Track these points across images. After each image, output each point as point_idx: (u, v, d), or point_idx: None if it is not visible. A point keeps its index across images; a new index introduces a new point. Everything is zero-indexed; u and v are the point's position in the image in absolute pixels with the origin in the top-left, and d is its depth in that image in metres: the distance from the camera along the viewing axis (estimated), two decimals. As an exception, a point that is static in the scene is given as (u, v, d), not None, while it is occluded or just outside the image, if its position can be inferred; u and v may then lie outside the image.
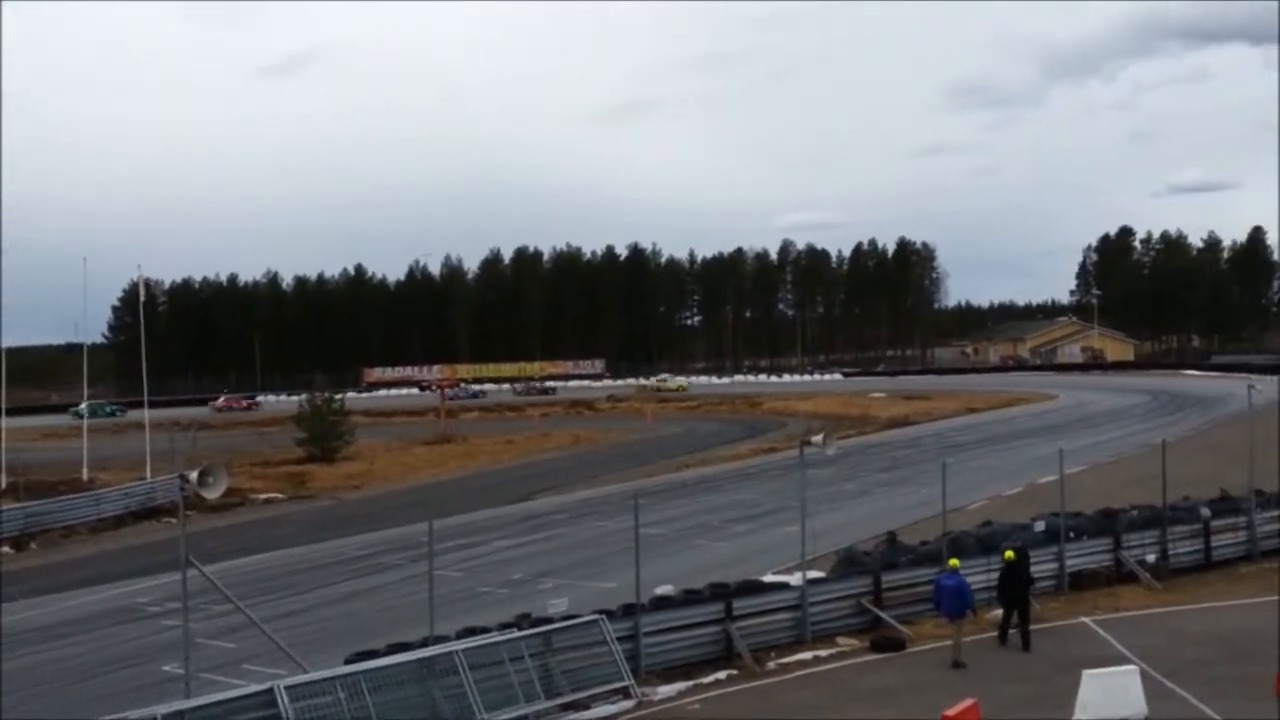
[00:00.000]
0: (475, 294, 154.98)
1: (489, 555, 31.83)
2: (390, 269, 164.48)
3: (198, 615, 19.44)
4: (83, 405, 65.51)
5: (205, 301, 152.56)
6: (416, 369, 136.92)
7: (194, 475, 13.82)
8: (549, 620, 17.24)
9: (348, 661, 15.84)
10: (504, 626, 17.19)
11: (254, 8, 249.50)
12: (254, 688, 14.45)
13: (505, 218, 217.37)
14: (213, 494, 14.08)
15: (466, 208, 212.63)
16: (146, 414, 54.04)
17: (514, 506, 42.34)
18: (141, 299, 78.38)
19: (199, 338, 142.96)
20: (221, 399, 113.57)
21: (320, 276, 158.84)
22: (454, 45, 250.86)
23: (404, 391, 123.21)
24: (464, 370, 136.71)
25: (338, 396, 65.86)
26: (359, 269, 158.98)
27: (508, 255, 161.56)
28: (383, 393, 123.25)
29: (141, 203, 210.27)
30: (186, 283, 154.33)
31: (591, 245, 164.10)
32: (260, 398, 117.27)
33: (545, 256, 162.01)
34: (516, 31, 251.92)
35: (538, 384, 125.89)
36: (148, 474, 48.56)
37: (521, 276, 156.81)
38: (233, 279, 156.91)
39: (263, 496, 47.44)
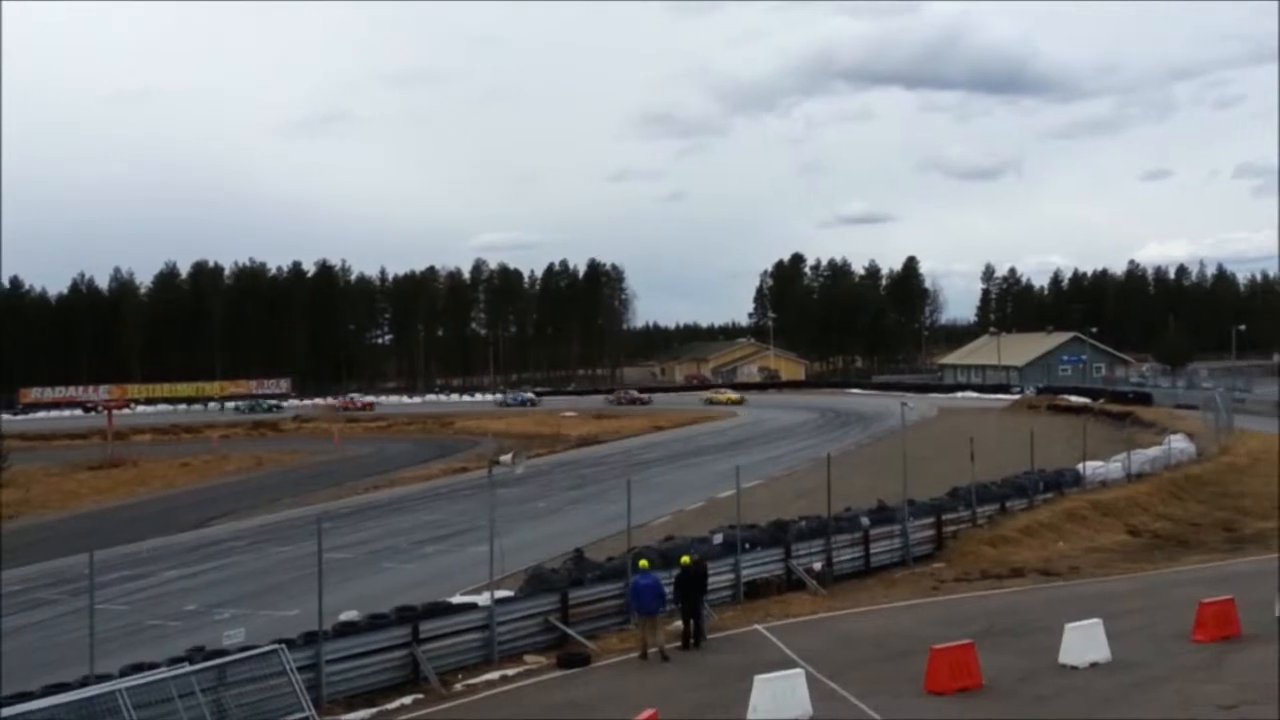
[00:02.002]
0: (148, 309, 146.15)
1: (159, 586, 30.08)
2: (51, 281, 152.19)
3: None
4: None
5: None
6: (82, 389, 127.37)
7: None
8: (224, 652, 16.45)
9: (-6, 708, 14.54)
10: (174, 661, 16.26)
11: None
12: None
13: (182, 229, 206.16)
14: None
15: (138, 218, 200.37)
16: None
17: (188, 534, 40.21)
18: None
19: None
20: (338, 399, 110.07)
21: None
22: (130, 46, 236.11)
23: (66, 413, 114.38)
24: (135, 390, 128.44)
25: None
26: (14, 281, 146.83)
27: (185, 269, 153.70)
28: (41, 414, 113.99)
29: None
30: None
31: (277, 260, 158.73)
32: None
33: (227, 271, 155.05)
34: (203, 35, 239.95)
35: (630, 393, 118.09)
36: None
37: (201, 291, 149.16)
38: None
39: (-105, 530, 42.80)
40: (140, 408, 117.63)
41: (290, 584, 28.04)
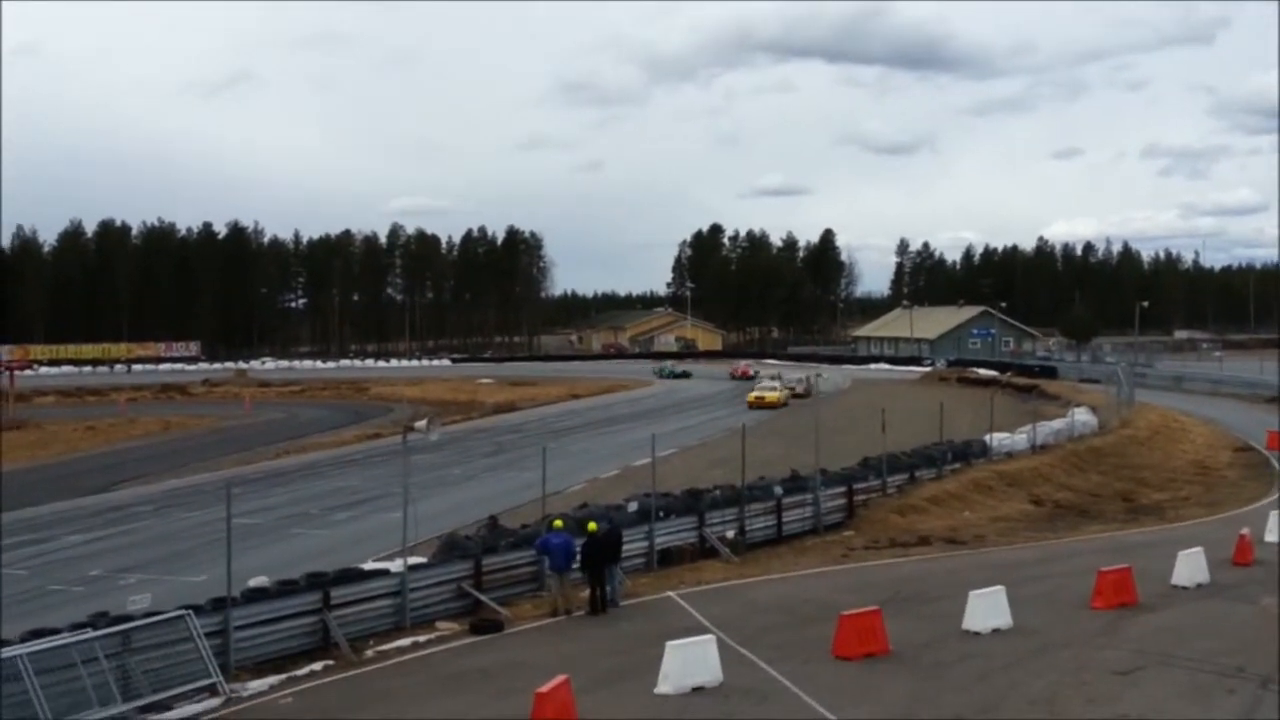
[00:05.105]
0: (52, 268, 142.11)
1: (62, 551, 29.42)
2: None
3: None
4: None
5: None
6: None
7: None
8: (129, 618, 16.17)
9: (-113, 675, 14.12)
10: (77, 627, 15.94)
11: None
12: None
13: (88, 188, 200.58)
14: None
15: (42, 177, 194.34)
16: None
17: (93, 498, 39.30)
18: None
19: None
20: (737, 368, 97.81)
21: None
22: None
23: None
24: (38, 351, 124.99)
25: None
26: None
27: (91, 228, 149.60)
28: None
29: None
30: None
31: (187, 221, 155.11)
32: None
33: (134, 231, 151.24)
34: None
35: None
36: None
37: (107, 251, 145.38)
38: None
39: None
40: (43, 369, 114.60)
41: (198, 549, 27.56)
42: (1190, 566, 21.83)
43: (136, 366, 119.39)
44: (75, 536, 31.46)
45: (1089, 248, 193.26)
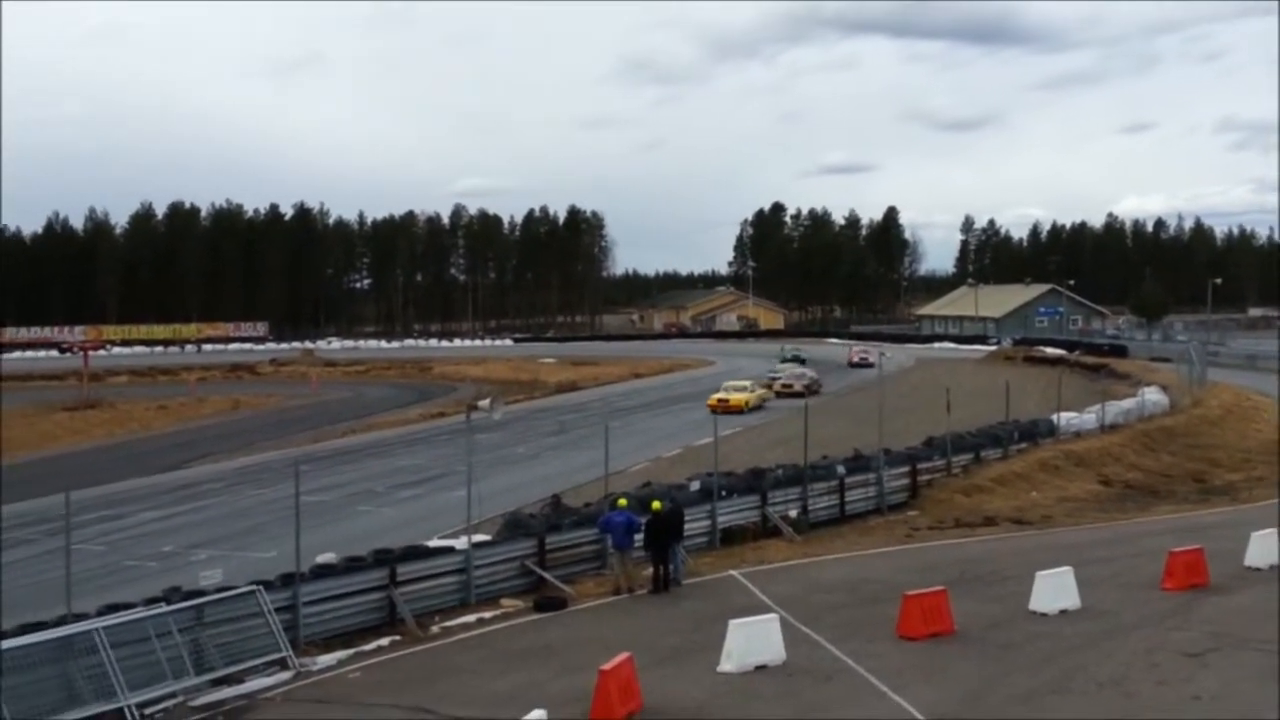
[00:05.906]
0: (124, 251, 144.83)
1: (136, 527, 30.06)
2: (26, 221, 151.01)
3: None
4: None
5: None
6: (57, 330, 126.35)
7: None
8: (201, 593, 16.50)
9: (-29, 646, 14.52)
10: (151, 601, 16.31)
11: None
12: None
13: (158, 171, 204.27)
14: None
15: (113, 158, 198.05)
16: None
17: (165, 475, 40.10)
18: None
19: None
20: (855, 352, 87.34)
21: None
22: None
23: (41, 354, 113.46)
24: (111, 331, 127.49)
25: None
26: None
27: (161, 210, 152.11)
28: (16, 354, 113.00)
29: None
30: None
31: (254, 203, 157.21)
32: None
33: (203, 213, 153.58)
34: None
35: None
36: None
37: (176, 233, 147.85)
38: None
39: None
40: (116, 349, 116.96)
41: (267, 526, 28.05)
42: (1264, 547, 21.39)
43: (206, 346, 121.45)
44: (149, 513, 32.12)
45: (1160, 224, 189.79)
